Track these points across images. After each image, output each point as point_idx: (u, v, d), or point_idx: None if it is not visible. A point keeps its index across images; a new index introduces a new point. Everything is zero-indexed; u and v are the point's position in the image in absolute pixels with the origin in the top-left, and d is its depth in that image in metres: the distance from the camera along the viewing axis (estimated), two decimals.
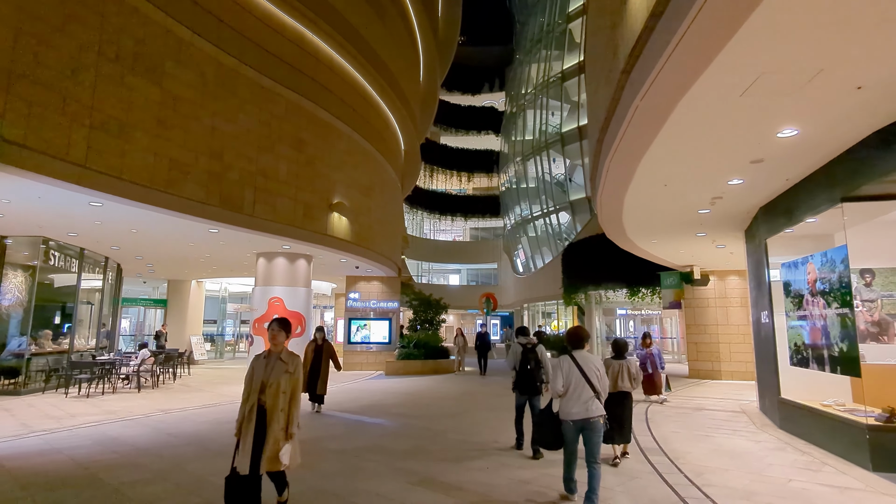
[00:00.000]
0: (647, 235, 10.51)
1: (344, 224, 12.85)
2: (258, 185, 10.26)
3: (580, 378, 4.44)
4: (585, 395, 4.40)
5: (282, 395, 3.95)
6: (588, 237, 25.53)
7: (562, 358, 4.61)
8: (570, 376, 4.47)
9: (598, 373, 4.49)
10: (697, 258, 13.56)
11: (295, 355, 4.21)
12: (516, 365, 6.45)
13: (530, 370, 6.36)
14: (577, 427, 4.42)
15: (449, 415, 9.18)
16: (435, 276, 48.53)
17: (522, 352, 6.47)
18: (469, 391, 12.68)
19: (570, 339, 4.70)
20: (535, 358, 6.43)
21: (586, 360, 4.52)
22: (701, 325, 16.17)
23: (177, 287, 20.53)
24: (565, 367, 4.53)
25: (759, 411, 9.37)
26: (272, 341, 4.17)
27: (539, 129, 34.66)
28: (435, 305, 20.15)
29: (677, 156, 5.87)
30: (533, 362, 6.39)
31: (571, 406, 4.42)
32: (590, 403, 4.39)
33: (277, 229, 10.71)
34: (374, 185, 14.86)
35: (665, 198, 7.62)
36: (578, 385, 4.43)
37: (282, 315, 12.87)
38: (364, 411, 9.33)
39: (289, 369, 4.05)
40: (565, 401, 4.49)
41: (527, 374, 6.37)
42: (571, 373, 4.48)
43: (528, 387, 6.39)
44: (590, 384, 4.42)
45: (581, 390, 4.41)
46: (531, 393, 6.39)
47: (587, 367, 4.47)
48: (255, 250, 13.01)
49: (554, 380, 4.57)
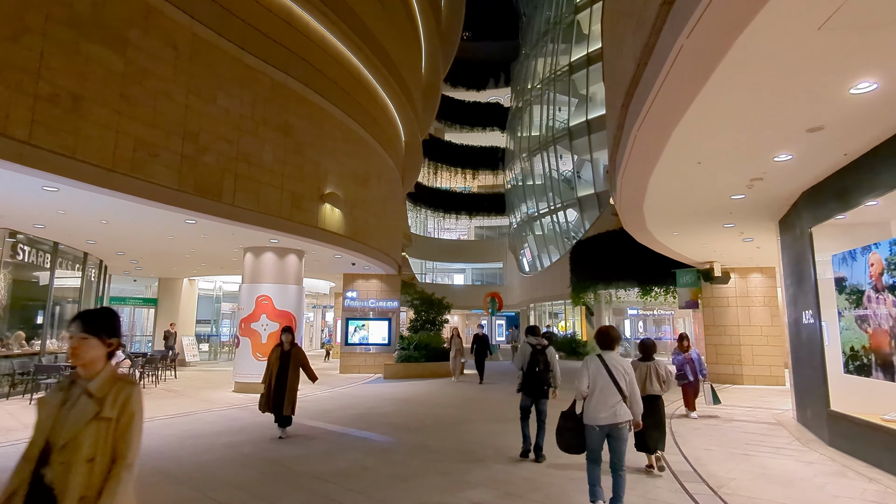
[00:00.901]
0: (669, 226, 9.50)
1: (337, 216, 11.91)
2: (240, 172, 9.33)
3: (608, 380, 4.20)
4: (612, 398, 4.17)
5: (84, 467, 1.89)
6: (598, 234, 24.50)
7: (589, 358, 4.39)
8: (597, 378, 4.25)
9: (626, 376, 4.25)
10: (720, 254, 12.53)
11: (126, 382, 2.11)
12: (524, 366, 6.15)
13: (538, 372, 6.05)
14: (603, 432, 4.18)
15: (448, 425, 8.20)
16: (439, 276, 47.53)
17: (531, 353, 6.14)
18: (471, 397, 11.70)
19: (600, 339, 4.48)
20: (544, 360, 6.10)
21: (615, 363, 4.29)
22: (720, 326, 15.12)
23: (168, 286, 19.67)
24: (592, 367, 4.31)
25: (797, 423, 8.35)
26: (72, 355, 2.06)
27: (546, 124, 33.64)
28: (437, 304, 19.19)
29: (720, 122, 4.87)
30: (542, 364, 6.07)
31: (597, 410, 4.19)
32: (617, 408, 4.16)
33: (262, 221, 9.77)
34: (371, 176, 13.91)
35: (696, 179, 6.62)
36: (605, 388, 4.20)
37: (272, 314, 11.97)
38: (353, 422, 8.36)
39: (105, 413, 1.98)
40: (591, 404, 4.25)
41: (534, 377, 6.07)
42: (598, 375, 4.25)
43: (535, 389, 6.09)
44: (618, 387, 4.19)
45: (608, 394, 4.18)
46: (537, 396, 6.09)
47: (616, 370, 4.24)
48: (241, 245, 12.10)
49: (579, 380, 4.31)
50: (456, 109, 46.25)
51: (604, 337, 4.47)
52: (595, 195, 29.43)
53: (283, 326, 7.50)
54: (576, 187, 31.18)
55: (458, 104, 46.38)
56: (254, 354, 11.76)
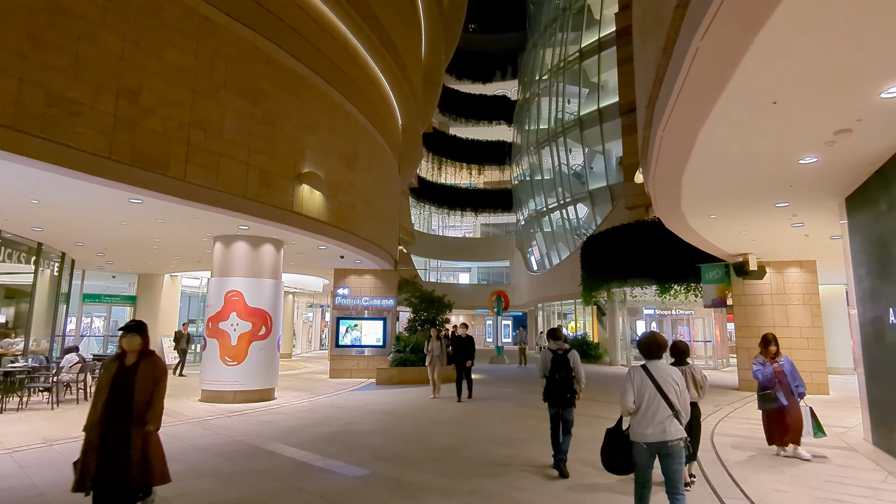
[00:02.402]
0: (708, 206, 7.88)
1: (318, 200, 10.38)
2: (193, 142, 7.81)
3: (655, 394, 3.77)
4: (662, 413, 3.73)
5: None
6: (611, 228, 22.81)
7: (633, 369, 3.90)
8: (643, 391, 3.80)
9: (676, 388, 3.78)
10: (758, 243, 10.87)
11: None
12: (546, 372, 5.78)
13: (558, 380, 5.64)
14: (652, 451, 3.75)
15: (439, 450, 6.63)
16: (444, 275, 45.99)
17: (553, 358, 5.74)
18: (471, 410, 10.12)
19: (644, 347, 3.96)
20: (565, 366, 5.67)
21: (663, 373, 3.82)
22: (754, 328, 13.44)
23: (147, 282, 18.25)
24: (637, 380, 3.85)
25: (874, 448, 6.71)
26: None
27: (554, 116, 32.00)
28: (437, 303, 17.60)
29: (826, 29, 3.28)
30: (563, 371, 5.64)
31: (645, 426, 3.76)
32: (667, 424, 3.71)
33: (223, 201, 8.26)
34: (359, 157, 12.37)
35: (762, 133, 5.02)
36: (653, 402, 3.76)
37: (243, 313, 10.46)
38: (321, 445, 6.76)
39: None
40: (637, 420, 3.81)
41: (556, 384, 5.67)
42: (644, 387, 3.81)
43: (558, 398, 5.66)
44: (667, 401, 3.74)
45: (656, 408, 3.74)
46: (561, 405, 5.67)
47: (664, 381, 3.78)
48: (209, 233, 10.60)
49: (624, 395, 3.85)
50: (461, 102, 44.74)
51: (648, 344, 3.94)
52: (607, 188, 27.76)
53: (124, 325, 4.15)
54: (587, 180, 29.51)
55: (463, 97, 44.86)
56: (222, 358, 10.25)
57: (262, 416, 8.77)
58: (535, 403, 10.89)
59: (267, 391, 10.68)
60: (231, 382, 10.19)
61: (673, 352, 5.20)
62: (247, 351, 10.29)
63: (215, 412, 9.12)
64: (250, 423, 8.07)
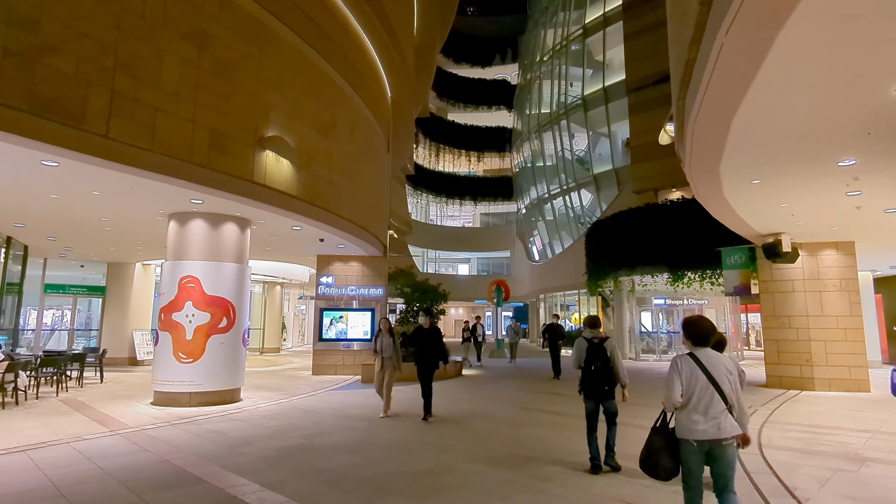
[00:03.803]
0: (753, 167, 6.40)
1: (285, 170, 8.90)
2: (118, 89, 6.34)
3: (707, 385, 3.27)
4: (715, 408, 3.25)
5: None
6: (618, 213, 21.32)
7: (680, 358, 3.37)
8: (693, 383, 3.30)
9: (730, 378, 3.29)
10: (798, 219, 9.38)
11: None
12: (581, 363, 5.39)
13: (595, 370, 5.24)
14: (703, 450, 3.24)
15: (414, 476, 5.20)
16: (442, 266, 44.53)
17: (587, 348, 5.34)
18: (464, 413, 8.71)
19: (691, 333, 3.42)
20: (601, 356, 5.26)
21: (714, 362, 3.32)
22: (784, 317, 12.00)
23: (117, 272, 16.80)
24: (685, 370, 3.33)
25: None
26: None
27: (557, 99, 30.42)
28: (432, 292, 16.16)
29: None
30: (599, 361, 5.24)
31: (695, 422, 3.26)
32: (721, 419, 3.23)
33: (160, 164, 6.79)
34: (339, 125, 10.88)
35: (847, 59, 3.56)
36: (704, 394, 3.27)
37: (200, 302, 9.02)
38: (268, 467, 5.27)
39: None
40: (686, 415, 3.31)
41: (592, 375, 5.27)
42: (694, 378, 3.30)
43: (596, 391, 5.28)
44: (720, 393, 3.25)
45: (709, 401, 3.25)
46: (601, 398, 5.27)
47: (716, 371, 3.28)
48: (162, 210, 9.15)
49: (670, 387, 3.34)
50: (459, 87, 43.12)
51: (695, 330, 3.43)
52: (613, 171, 26.25)
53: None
54: (591, 164, 27.98)
55: (461, 81, 43.24)
56: (175, 354, 8.81)
57: (215, 424, 7.35)
58: (536, 405, 9.46)
59: (230, 392, 9.26)
60: (186, 383, 8.76)
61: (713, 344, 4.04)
62: (204, 346, 8.86)
63: (162, 419, 7.70)
64: (195, 435, 6.65)
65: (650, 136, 23.54)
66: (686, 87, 6.02)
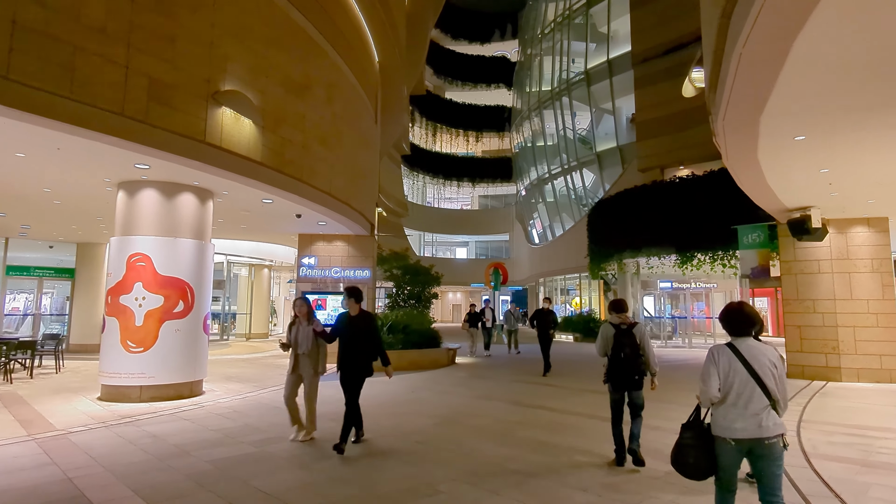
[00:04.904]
0: (802, 118, 5.24)
1: (247, 132, 7.72)
2: (23, 21, 5.13)
3: (747, 379, 2.97)
4: (756, 404, 2.94)
5: None
6: (623, 192, 20.15)
7: (717, 349, 3.11)
8: (732, 376, 3.00)
9: (774, 371, 2.99)
10: (835, 188, 8.23)
11: None
12: (607, 351, 4.92)
13: (624, 358, 4.79)
14: (742, 449, 2.96)
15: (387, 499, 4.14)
16: (439, 249, 43.43)
17: (615, 334, 4.87)
18: (452, 413, 7.66)
19: (729, 320, 3.14)
20: (630, 342, 4.81)
21: (756, 353, 3.02)
22: (808, 301, 10.91)
23: (87, 253, 15.68)
24: (723, 362, 3.05)
25: None
26: None
27: (558, 75, 29.01)
28: (424, 275, 15.06)
29: None
30: (628, 348, 4.79)
31: (734, 419, 2.97)
32: (763, 416, 2.92)
33: (82, 116, 5.59)
34: (314, 86, 9.66)
35: None
36: (745, 388, 2.96)
37: (151, 283, 7.89)
38: (195, 490, 4.23)
39: None
40: (724, 412, 3.02)
41: (620, 364, 4.81)
42: (733, 371, 3.01)
43: (624, 379, 4.84)
44: (763, 388, 2.94)
45: (750, 396, 2.95)
46: (629, 387, 4.86)
47: (758, 364, 2.99)
48: (108, 178, 7.98)
49: (706, 380, 3.05)
50: (457, 64, 41.62)
51: (734, 317, 3.11)
52: (617, 149, 25.03)
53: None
54: (594, 142, 26.70)
55: (459, 58, 41.72)
56: (123, 343, 7.71)
57: (158, 426, 6.27)
58: (531, 401, 8.41)
59: (188, 385, 8.18)
60: (136, 375, 7.68)
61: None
62: (157, 333, 7.76)
63: (100, 418, 6.63)
64: (127, 441, 5.57)
65: (657, 110, 22.30)
66: (718, 34, 4.85)
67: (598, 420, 6.74)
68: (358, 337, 5.52)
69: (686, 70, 19.61)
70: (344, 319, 5.62)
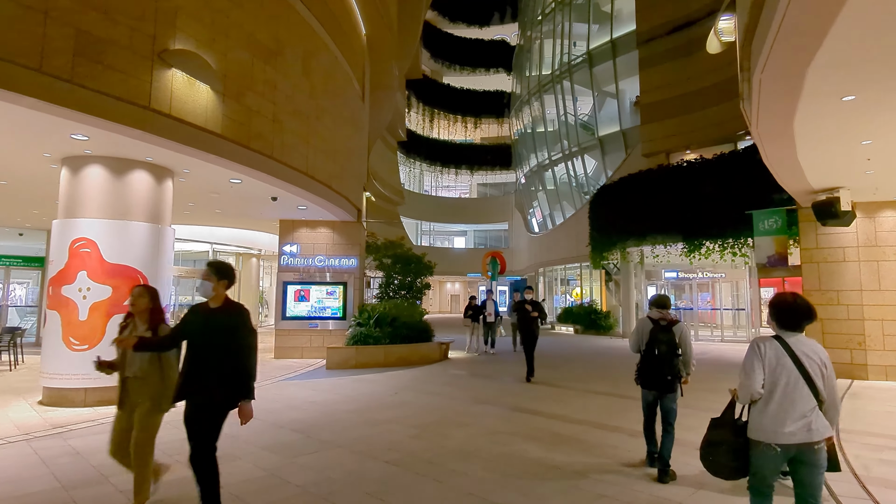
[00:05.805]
0: (856, 71, 4.28)
1: (204, 99, 6.74)
2: None
3: (796, 378, 2.71)
4: (804, 404, 2.69)
5: None
6: (627, 177, 19.14)
7: (763, 342, 2.82)
8: (779, 373, 2.74)
9: (823, 371, 2.74)
10: (871, 165, 7.27)
11: None
12: (641, 347, 4.61)
13: (659, 356, 4.43)
14: (788, 456, 2.70)
15: None
16: (437, 239, 42.46)
17: (651, 330, 4.54)
18: (436, 423, 6.77)
19: (780, 313, 2.84)
20: (668, 340, 4.43)
21: (807, 350, 2.77)
22: (831, 292, 9.99)
23: None
24: (770, 357, 2.77)
25: None
26: None
27: (559, 58, 27.86)
28: (415, 263, 14.13)
29: None
30: (665, 346, 4.42)
31: (781, 422, 2.69)
32: (811, 418, 2.68)
33: None
34: (286, 51, 8.65)
35: None
36: (793, 388, 2.70)
37: (98, 272, 6.93)
38: None
39: None
40: (769, 413, 2.73)
41: (654, 362, 4.46)
42: (781, 367, 2.74)
43: (657, 380, 4.47)
44: (812, 387, 2.70)
45: (796, 396, 2.70)
46: (661, 389, 4.47)
47: (808, 361, 2.73)
48: (48, 153, 7.01)
49: (750, 374, 2.78)
50: (455, 48, 40.39)
51: (786, 309, 2.83)
52: (621, 133, 24.01)
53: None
54: (596, 127, 25.65)
55: (457, 42, 40.49)
56: (65, 339, 6.80)
57: (87, 439, 5.35)
58: (529, 405, 7.51)
59: None
60: (80, 376, 6.77)
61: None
62: (104, 329, 6.83)
63: (26, 427, 5.74)
64: (41, 459, 4.65)
65: (663, 92, 21.24)
66: None
67: (606, 431, 5.85)
68: (214, 344, 3.39)
69: (695, 49, 18.67)
70: (196, 314, 3.54)
